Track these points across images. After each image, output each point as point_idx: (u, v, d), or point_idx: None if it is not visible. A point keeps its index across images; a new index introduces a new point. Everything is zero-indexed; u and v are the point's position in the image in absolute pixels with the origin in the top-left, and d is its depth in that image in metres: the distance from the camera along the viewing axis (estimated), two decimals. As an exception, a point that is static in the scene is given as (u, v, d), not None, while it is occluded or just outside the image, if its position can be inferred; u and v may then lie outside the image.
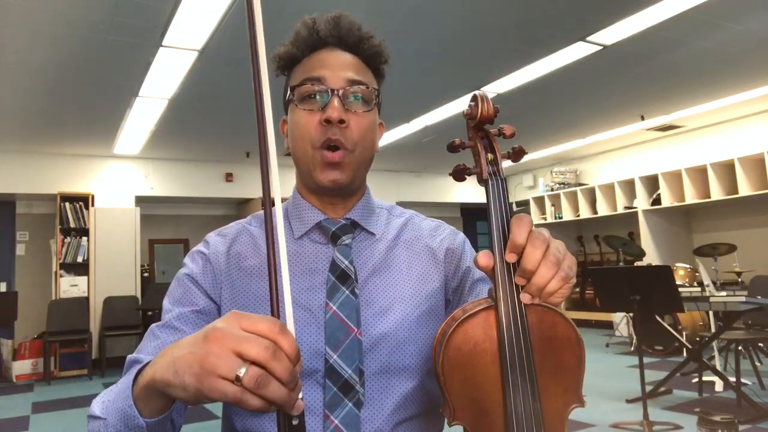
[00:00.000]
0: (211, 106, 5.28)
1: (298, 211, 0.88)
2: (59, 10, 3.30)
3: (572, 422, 3.79)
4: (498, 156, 0.72)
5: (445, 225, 0.97)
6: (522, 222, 0.67)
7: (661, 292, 3.57)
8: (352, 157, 0.82)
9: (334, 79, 0.82)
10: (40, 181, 6.75)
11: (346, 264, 0.83)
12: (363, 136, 0.83)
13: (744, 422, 3.49)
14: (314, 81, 0.82)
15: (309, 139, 0.81)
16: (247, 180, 7.85)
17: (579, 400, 0.70)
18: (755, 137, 6.49)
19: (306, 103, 0.82)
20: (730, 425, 1.19)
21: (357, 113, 0.82)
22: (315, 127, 0.81)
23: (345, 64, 0.84)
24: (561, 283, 0.65)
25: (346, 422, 0.76)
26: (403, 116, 5.94)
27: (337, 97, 0.80)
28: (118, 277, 6.90)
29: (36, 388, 5.92)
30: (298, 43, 0.86)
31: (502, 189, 0.71)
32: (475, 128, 0.74)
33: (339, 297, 0.81)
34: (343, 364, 0.78)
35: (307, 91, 0.82)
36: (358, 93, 0.83)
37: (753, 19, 3.90)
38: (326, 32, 0.85)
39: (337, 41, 0.85)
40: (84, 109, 5.25)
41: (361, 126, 0.83)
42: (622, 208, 7.62)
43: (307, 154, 0.82)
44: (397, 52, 4.58)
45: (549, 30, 3.94)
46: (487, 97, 0.72)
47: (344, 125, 0.80)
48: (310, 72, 0.83)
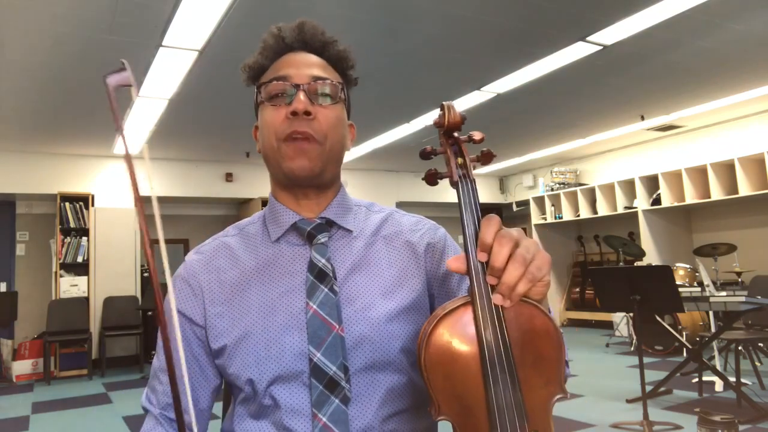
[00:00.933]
0: (211, 106, 5.28)
1: (273, 215, 0.90)
2: (59, 10, 3.30)
3: (572, 422, 3.79)
4: (467, 160, 0.76)
5: (426, 220, 0.97)
6: (490, 222, 0.69)
7: (661, 292, 3.57)
8: (323, 149, 0.84)
9: (299, 75, 0.84)
10: (40, 181, 6.75)
11: (323, 262, 0.84)
12: (332, 128, 0.85)
13: (744, 422, 3.49)
14: (280, 79, 0.85)
15: (275, 132, 0.84)
16: (247, 180, 7.85)
17: (562, 391, 0.72)
18: (755, 137, 6.49)
19: (273, 99, 0.85)
20: (730, 425, 1.19)
21: (323, 106, 0.85)
22: (282, 121, 0.83)
23: (310, 62, 0.87)
24: (528, 284, 0.66)
25: (334, 419, 0.77)
26: (403, 116, 5.94)
27: (302, 91, 0.83)
28: (118, 277, 6.90)
29: (36, 388, 5.92)
30: (266, 52, 0.89)
31: (472, 191, 0.75)
32: (445, 135, 0.78)
33: (318, 296, 0.82)
34: (326, 361, 0.79)
35: (274, 89, 0.85)
36: (323, 86, 0.85)
37: (753, 19, 3.90)
38: (291, 38, 0.88)
39: (303, 45, 0.89)
40: (84, 109, 5.25)
41: (328, 118, 0.85)
42: (622, 208, 7.62)
43: (274, 148, 0.84)
44: (397, 51, 4.59)
45: (549, 30, 3.94)
46: (453, 107, 0.76)
47: (311, 117, 0.82)
48: (276, 72, 0.86)
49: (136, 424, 4.30)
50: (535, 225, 8.78)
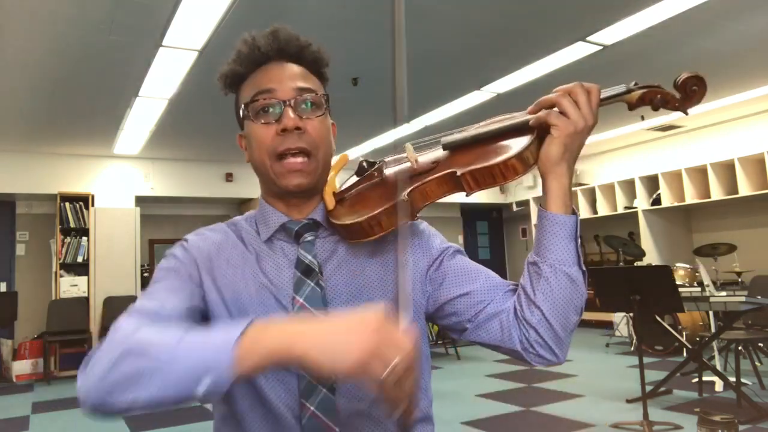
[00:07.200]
0: (211, 106, 5.28)
1: (263, 217, 0.93)
2: (59, 10, 3.30)
3: (572, 422, 3.79)
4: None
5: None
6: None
7: (661, 292, 3.57)
8: (315, 161, 0.87)
9: (283, 90, 0.86)
10: (40, 181, 6.75)
11: (310, 259, 0.87)
12: (322, 139, 0.88)
13: (744, 422, 3.49)
14: (264, 94, 0.86)
15: (267, 150, 0.86)
16: (247, 180, 7.84)
17: None
18: (755, 137, 6.49)
19: (261, 116, 0.86)
20: (730, 425, 1.19)
21: (311, 119, 0.86)
22: (272, 138, 0.85)
23: (291, 74, 0.88)
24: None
25: (322, 408, 0.79)
26: (403, 116, 5.93)
27: (289, 107, 0.85)
28: (118, 277, 6.90)
29: (36, 388, 5.92)
30: (241, 61, 0.90)
31: None
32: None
33: (305, 290, 0.85)
34: None
35: (260, 106, 0.86)
36: (308, 100, 0.87)
37: (753, 19, 3.90)
38: (266, 47, 0.89)
39: (278, 53, 0.89)
40: (84, 109, 5.25)
41: (317, 129, 0.87)
42: (622, 208, 7.62)
43: (266, 165, 0.87)
44: (397, 52, 4.57)
45: (549, 30, 3.94)
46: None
47: (301, 131, 0.84)
48: (258, 86, 0.87)
49: (137, 424, 4.30)
50: (535, 225, 8.76)
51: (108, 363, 0.66)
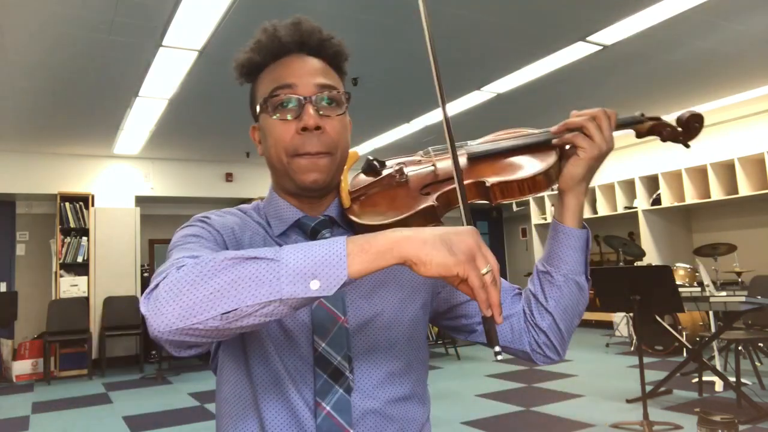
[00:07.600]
0: (211, 106, 5.28)
1: (275, 210, 0.90)
2: (59, 10, 3.30)
3: (572, 422, 3.79)
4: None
5: None
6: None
7: (661, 292, 3.57)
8: (333, 159, 0.84)
9: (304, 86, 0.83)
10: (40, 181, 6.75)
11: None
12: (341, 138, 0.85)
13: (744, 422, 3.49)
14: (284, 89, 0.83)
15: (284, 148, 0.83)
16: (247, 180, 7.85)
17: None
18: (755, 137, 6.48)
19: (279, 112, 0.83)
20: (730, 425, 1.19)
21: (331, 117, 0.84)
22: (291, 136, 0.82)
23: (312, 69, 0.85)
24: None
25: (338, 408, 0.79)
26: (403, 116, 5.94)
27: (310, 105, 0.82)
28: (118, 277, 6.90)
29: (36, 388, 5.92)
30: (260, 50, 0.86)
31: None
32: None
33: None
34: (332, 351, 0.80)
35: (280, 101, 0.83)
36: (329, 97, 0.84)
37: (753, 19, 3.90)
38: (288, 38, 0.86)
39: (299, 46, 0.86)
40: (84, 109, 5.25)
41: (337, 128, 0.84)
42: (622, 208, 7.62)
43: (283, 162, 0.84)
44: (397, 51, 4.58)
45: (549, 30, 3.94)
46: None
47: (321, 131, 0.82)
48: (278, 80, 0.84)
49: (137, 424, 4.30)
50: (535, 225, 8.77)
51: (203, 274, 0.62)
